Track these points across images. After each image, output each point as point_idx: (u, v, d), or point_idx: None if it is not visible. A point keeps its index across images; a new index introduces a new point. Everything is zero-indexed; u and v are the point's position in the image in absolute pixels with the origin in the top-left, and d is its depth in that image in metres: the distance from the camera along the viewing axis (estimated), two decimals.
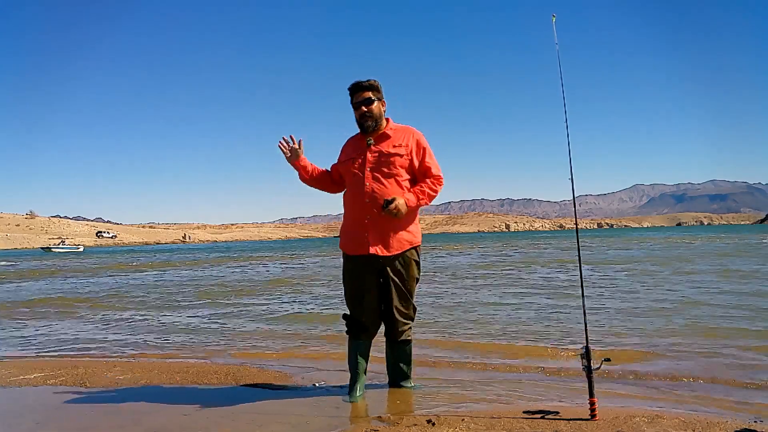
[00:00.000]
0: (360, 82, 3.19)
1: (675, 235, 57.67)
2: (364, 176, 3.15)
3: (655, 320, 5.88)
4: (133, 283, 14.55)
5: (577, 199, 3.77)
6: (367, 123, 3.18)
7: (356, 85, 3.19)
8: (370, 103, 3.16)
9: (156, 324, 7.03)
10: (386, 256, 3.13)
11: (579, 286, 3.04)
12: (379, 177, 3.13)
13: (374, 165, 3.15)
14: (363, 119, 3.18)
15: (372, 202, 3.11)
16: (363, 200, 3.13)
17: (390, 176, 3.15)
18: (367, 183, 3.13)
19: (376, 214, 3.10)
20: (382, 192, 3.11)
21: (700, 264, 13.99)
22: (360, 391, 3.23)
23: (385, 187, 3.13)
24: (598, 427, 2.57)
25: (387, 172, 3.14)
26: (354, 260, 3.22)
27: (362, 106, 3.16)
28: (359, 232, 3.16)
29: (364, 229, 3.14)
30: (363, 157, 3.18)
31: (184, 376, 4.04)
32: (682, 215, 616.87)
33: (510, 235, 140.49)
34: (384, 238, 3.13)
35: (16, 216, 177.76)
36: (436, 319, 6.47)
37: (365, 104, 3.16)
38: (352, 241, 3.21)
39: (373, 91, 3.19)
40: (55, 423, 3.04)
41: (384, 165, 3.15)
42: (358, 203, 3.16)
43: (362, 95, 3.17)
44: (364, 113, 3.17)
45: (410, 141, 3.21)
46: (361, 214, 3.15)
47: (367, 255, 3.14)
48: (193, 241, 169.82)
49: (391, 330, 3.27)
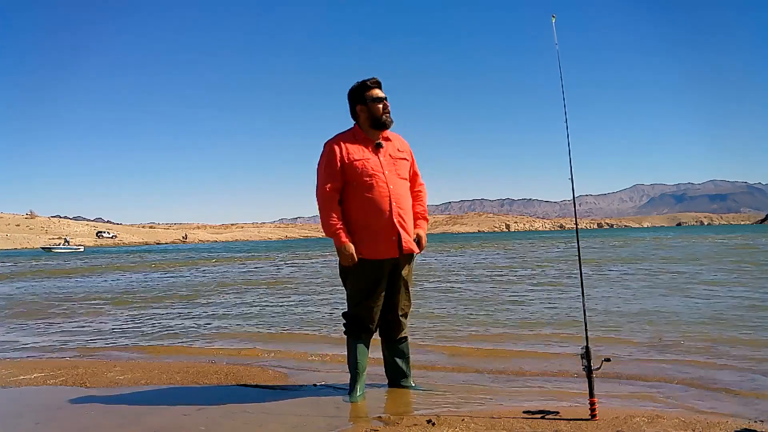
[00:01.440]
0: (377, 78, 3.18)
1: (677, 234, 57.66)
2: (387, 179, 3.11)
3: (655, 320, 5.88)
4: (173, 281, 14.55)
5: (577, 199, 3.78)
6: (389, 119, 3.17)
7: (376, 80, 3.18)
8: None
9: (159, 323, 7.04)
10: (404, 255, 3.15)
11: (583, 285, 3.04)
12: (396, 180, 3.15)
13: (391, 167, 3.16)
14: (386, 114, 3.16)
15: (398, 205, 3.11)
16: (389, 202, 3.08)
17: (404, 179, 3.21)
18: (391, 186, 3.11)
19: (402, 216, 3.12)
20: (403, 194, 3.16)
21: (705, 264, 13.98)
22: (360, 391, 3.22)
23: (403, 189, 3.17)
24: (598, 427, 2.57)
25: (402, 176, 3.19)
26: (375, 264, 3.11)
27: (385, 100, 3.16)
28: (386, 235, 3.08)
29: (392, 233, 3.09)
30: (377, 158, 3.14)
31: (184, 376, 4.04)
32: (682, 215, 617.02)
33: (510, 235, 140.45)
34: (410, 235, 3.17)
35: (16, 216, 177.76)
36: (436, 318, 6.47)
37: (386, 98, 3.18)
38: (377, 244, 3.08)
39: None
40: (55, 423, 3.04)
41: (398, 168, 3.18)
42: (384, 205, 3.07)
43: (382, 91, 3.18)
44: (387, 108, 3.17)
45: (407, 148, 3.31)
46: (389, 217, 3.08)
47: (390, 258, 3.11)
48: (194, 241, 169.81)
49: (392, 329, 3.27)
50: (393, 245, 3.10)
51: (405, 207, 3.16)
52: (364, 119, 3.18)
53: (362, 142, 3.18)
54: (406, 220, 3.15)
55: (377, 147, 3.16)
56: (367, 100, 3.14)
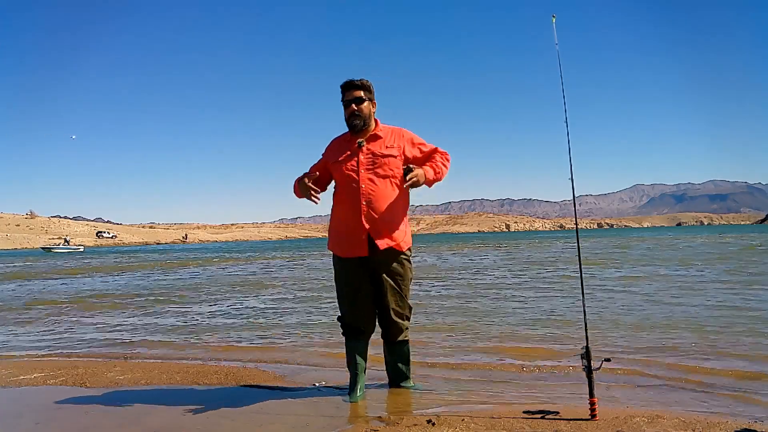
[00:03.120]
0: (352, 81, 3.16)
1: (678, 234, 57.65)
2: (359, 177, 3.10)
3: (655, 320, 5.87)
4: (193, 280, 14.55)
5: (577, 199, 3.77)
6: (355, 122, 3.15)
7: (348, 83, 3.17)
8: (360, 102, 3.15)
9: (162, 322, 7.04)
10: (379, 257, 3.11)
11: (583, 285, 3.04)
12: (374, 178, 3.10)
13: (368, 166, 3.11)
14: (352, 118, 3.15)
15: (369, 204, 3.08)
16: (359, 202, 3.08)
17: (385, 177, 3.13)
18: (363, 185, 3.08)
19: (374, 216, 3.08)
20: (378, 193, 3.09)
21: (707, 264, 13.99)
22: (360, 392, 3.22)
23: (381, 188, 3.10)
24: (599, 427, 2.57)
25: (382, 174, 3.12)
26: (346, 262, 3.18)
27: (352, 104, 3.14)
28: (354, 234, 3.10)
29: (360, 232, 3.08)
30: (356, 158, 3.13)
31: (184, 376, 4.04)
32: (682, 215, 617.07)
33: (510, 235, 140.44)
34: (387, 236, 3.11)
35: (16, 216, 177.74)
36: (436, 318, 6.47)
37: (355, 102, 3.14)
38: (346, 243, 3.15)
39: (365, 91, 3.17)
40: (55, 423, 3.04)
41: (378, 166, 3.12)
42: (354, 205, 3.09)
43: (353, 93, 3.15)
44: (354, 112, 3.14)
45: (401, 142, 3.21)
46: (357, 216, 3.08)
47: (361, 257, 3.11)
48: (194, 241, 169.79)
49: (388, 331, 3.26)
50: (362, 244, 3.09)
51: (379, 205, 3.09)
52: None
53: (350, 141, 3.21)
54: (379, 219, 3.09)
55: (359, 146, 3.16)
56: (342, 101, 3.20)
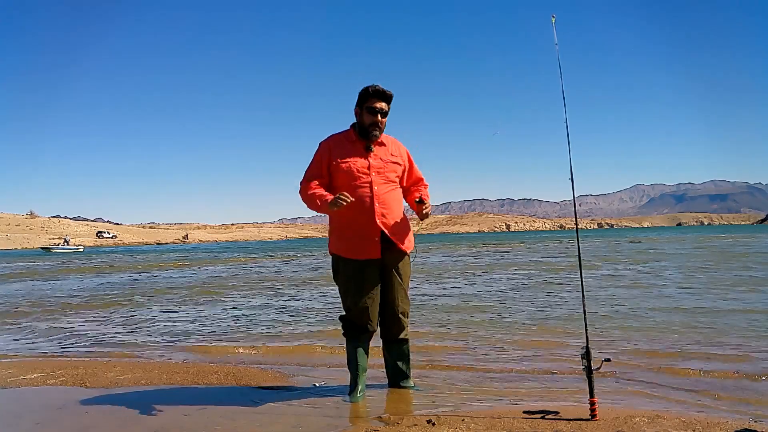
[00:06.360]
0: (385, 91, 3.15)
1: (678, 234, 57.64)
2: (372, 180, 3.13)
3: (656, 320, 5.87)
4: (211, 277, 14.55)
5: (578, 199, 3.77)
6: (375, 132, 3.16)
7: (381, 92, 3.15)
8: (385, 115, 3.19)
9: (164, 322, 7.04)
10: (393, 255, 3.17)
11: (583, 285, 3.04)
12: (384, 182, 3.17)
13: (378, 170, 3.16)
14: (373, 127, 3.16)
15: (382, 206, 3.12)
16: (373, 204, 3.09)
17: (393, 183, 3.22)
18: (376, 187, 3.12)
19: (387, 218, 3.12)
20: (389, 196, 3.17)
21: (707, 263, 13.98)
22: (361, 392, 3.22)
23: (390, 191, 3.18)
24: (599, 427, 2.57)
25: (390, 179, 3.20)
26: (356, 264, 3.15)
27: (380, 115, 3.15)
28: (367, 236, 3.10)
29: (374, 233, 3.10)
30: (367, 160, 3.16)
31: (184, 376, 4.04)
32: (683, 215, 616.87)
33: (510, 235, 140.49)
34: (400, 237, 3.19)
35: (16, 216, 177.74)
36: (436, 318, 6.47)
37: (382, 114, 3.17)
38: (358, 245, 3.13)
39: (389, 104, 3.20)
40: (55, 423, 3.04)
41: (387, 171, 3.19)
42: (366, 207, 3.09)
43: (383, 105, 3.17)
44: (377, 123, 3.16)
45: (403, 153, 3.32)
46: (371, 218, 3.09)
47: (373, 259, 3.12)
48: (194, 241, 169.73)
49: (391, 329, 3.27)
50: (375, 246, 3.11)
51: (390, 209, 3.15)
52: (358, 122, 3.22)
53: (354, 143, 3.20)
54: (390, 221, 3.14)
55: (367, 149, 3.18)
56: (363, 106, 3.17)
